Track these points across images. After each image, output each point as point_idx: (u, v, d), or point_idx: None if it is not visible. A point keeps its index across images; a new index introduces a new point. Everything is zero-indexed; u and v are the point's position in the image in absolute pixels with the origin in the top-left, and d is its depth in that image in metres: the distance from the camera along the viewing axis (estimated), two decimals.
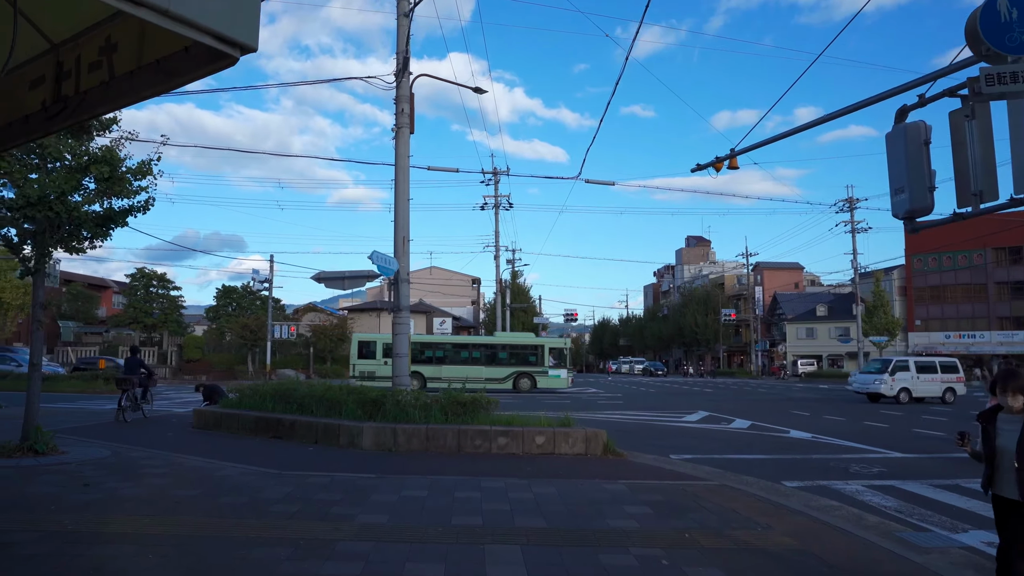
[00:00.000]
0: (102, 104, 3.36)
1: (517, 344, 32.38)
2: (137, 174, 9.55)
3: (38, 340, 9.45)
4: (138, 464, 8.68)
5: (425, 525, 5.87)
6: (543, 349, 31.72)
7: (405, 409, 10.77)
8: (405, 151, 13.22)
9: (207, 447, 10.42)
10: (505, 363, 31.37)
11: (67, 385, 25.51)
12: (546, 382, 31.23)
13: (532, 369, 31.30)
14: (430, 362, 30.78)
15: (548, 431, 10.38)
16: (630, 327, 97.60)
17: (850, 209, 46.02)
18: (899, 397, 25.45)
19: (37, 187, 8.67)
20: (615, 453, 10.32)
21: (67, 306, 49.31)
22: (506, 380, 30.84)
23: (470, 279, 74.05)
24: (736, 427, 15.76)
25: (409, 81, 13.53)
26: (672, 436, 13.90)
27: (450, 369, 30.32)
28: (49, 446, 9.12)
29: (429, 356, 30.99)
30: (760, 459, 10.81)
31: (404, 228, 13.02)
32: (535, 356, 31.56)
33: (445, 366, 30.34)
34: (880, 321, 48.15)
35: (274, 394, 12.47)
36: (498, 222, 40.37)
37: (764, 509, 6.81)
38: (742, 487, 8.06)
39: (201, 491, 7.05)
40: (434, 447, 10.23)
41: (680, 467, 9.63)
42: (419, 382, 29.93)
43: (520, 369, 31.22)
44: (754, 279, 69.72)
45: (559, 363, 31.91)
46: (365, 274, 13.21)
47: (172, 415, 15.96)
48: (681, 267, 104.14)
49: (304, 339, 48.49)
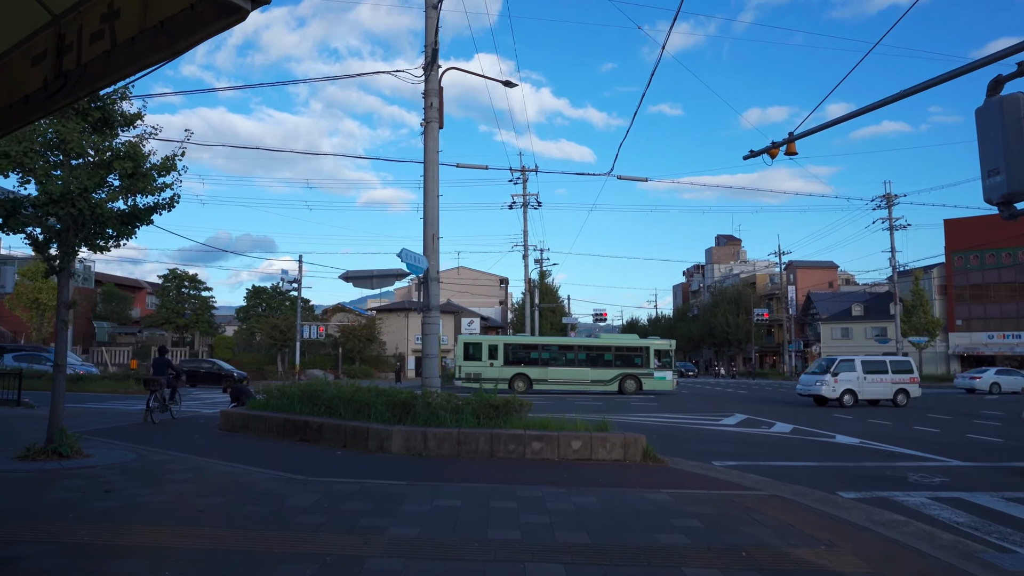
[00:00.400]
0: (103, 76, 3.02)
1: (623, 346, 32.08)
2: (161, 170, 9.31)
3: (63, 340, 9.25)
4: (162, 469, 8.42)
5: (460, 539, 5.47)
6: (648, 351, 31.33)
7: (436, 412, 10.39)
8: (434, 146, 12.87)
9: (233, 451, 10.16)
10: (611, 365, 31.07)
11: (99, 385, 25.70)
12: (652, 384, 30.84)
13: (638, 371, 30.96)
14: (535, 364, 30.72)
15: (584, 436, 9.92)
16: (659, 327, 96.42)
17: (888, 205, 44.71)
18: (843, 400, 23.67)
19: (60, 184, 8.47)
20: (655, 459, 9.84)
21: (101, 307, 50.01)
22: (611, 382, 30.61)
23: (498, 279, 73.74)
24: (778, 431, 15.13)
25: (438, 75, 13.18)
26: (711, 441, 13.35)
27: (556, 371, 30.32)
28: (74, 449, 8.91)
29: (535, 358, 30.94)
30: (809, 467, 10.23)
31: (434, 225, 12.66)
32: (640, 358, 31.25)
33: (551, 368, 30.32)
34: (919, 321, 46.77)
35: (301, 396, 12.19)
36: (527, 221, 39.98)
37: (824, 523, 6.29)
38: (795, 498, 7.53)
39: (225, 499, 6.74)
40: (466, 452, 9.84)
41: (725, 475, 9.11)
42: (524, 384, 29.79)
43: (626, 371, 30.89)
44: (787, 278, 68.35)
45: (664, 364, 31.38)
46: (394, 273, 12.87)
47: (200, 416, 15.81)
48: (711, 266, 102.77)
49: (333, 339, 48.58)
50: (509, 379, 29.95)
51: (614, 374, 30.85)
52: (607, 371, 30.92)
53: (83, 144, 8.52)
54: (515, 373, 30.27)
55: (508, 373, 30.14)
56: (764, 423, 16.88)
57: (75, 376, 27.03)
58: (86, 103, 8.81)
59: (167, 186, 9.56)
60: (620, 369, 30.98)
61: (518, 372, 30.35)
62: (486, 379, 29.57)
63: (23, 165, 8.36)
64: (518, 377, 30.27)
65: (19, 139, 8.27)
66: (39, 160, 8.52)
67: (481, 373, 29.68)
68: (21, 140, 8.28)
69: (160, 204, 9.62)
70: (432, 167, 12.78)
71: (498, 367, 30.15)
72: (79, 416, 15.02)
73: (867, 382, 23.98)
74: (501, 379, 29.84)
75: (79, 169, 8.73)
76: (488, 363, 30.13)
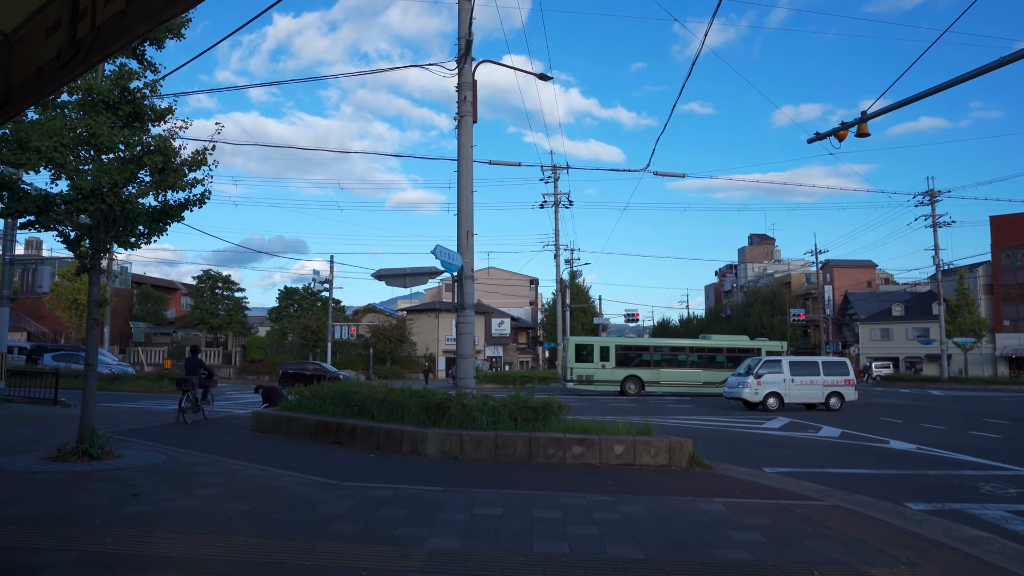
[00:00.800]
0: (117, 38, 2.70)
1: (735, 347, 31.71)
2: (192, 165, 9.10)
3: (94, 339, 9.09)
4: (192, 472, 8.18)
5: (504, 553, 5.08)
6: (761, 352, 30.52)
7: (472, 414, 10.03)
8: (468, 140, 12.53)
9: (264, 453, 9.91)
10: (722, 367, 30.55)
11: (134, 384, 25.89)
12: None
13: None
14: (647, 366, 30.43)
15: (627, 440, 9.48)
16: (691, 328, 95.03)
17: (931, 202, 43.32)
18: (767, 404, 21.57)
19: (90, 179, 8.28)
20: (702, 465, 9.36)
21: (138, 308, 50.79)
22: (724, 384, 29.95)
23: (528, 279, 73.33)
24: (826, 435, 14.49)
25: (471, 68, 12.85)
26: (757, 445, 12.79)
27: (668, 373, 29.97)
28: (104, 450, 8.73)
29: (647, 360, 30.67)
30: (867, 474, 9.65)
31: (468, 222, 12.32)
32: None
33: (663, 370, 29.99)
34: (964, 321, 45.26)
35: (334, 397, 11.93)
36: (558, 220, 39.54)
37: (896, 538, 5.77)
38: (859, 509, 7.01)
39: (255, 505, 6.44)
40: (503, 456, 9.47)
41: (778, 482, 8.59)
42: (636, 386, 29.45)
43: None
44: (823, 277, 66.78)
45: None
46: (427, 271, 12.57)
47: (232, 417, 15.68)
48: (744, 266, 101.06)
49: (364, 340, 48.67)
50: (621, 381, 29.65)
51: (727, 375, 30.20)
52: (719, 373, 30.28)
53: (113, 138, 8.33)
54: (627, 375, 29.91)
55: (620, 375, 29.81)
56: (810, 426, 16.22)
57: (111, 375, 27.33)
58: (116, 97, 8.64)
59: (198, 182, 9.35)
60: (732, 371, 30.37)
61: (630, 374, 29.97)
62: (598, 381, 29.69)
63: (53, 160, 8.20)
64: (630, 379, 29.90)
65: (50, 134, 8.11)
66: (69, 155, 8.35)
67: (593, 375, 29.55)
68: (52, 135, 8.11)
69: (191, 200, 9.41)
70: (466, 162, 12.44)
71: (610, 369, 29.82)
72: (113, 416, 14.99)
73: (795, 384, 21.97)
74: (612, 381, 29.62)
75: (109, 164, 8.55)
76: (600, 365, 29.74)
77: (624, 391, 29.67)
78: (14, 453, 9.15)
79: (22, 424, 12.92)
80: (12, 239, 18.22)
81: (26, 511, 6.04)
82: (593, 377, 29.60)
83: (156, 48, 9.55)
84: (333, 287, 44.92)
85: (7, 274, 18.03)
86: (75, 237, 9.00)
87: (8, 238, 18.04)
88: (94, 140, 8.29)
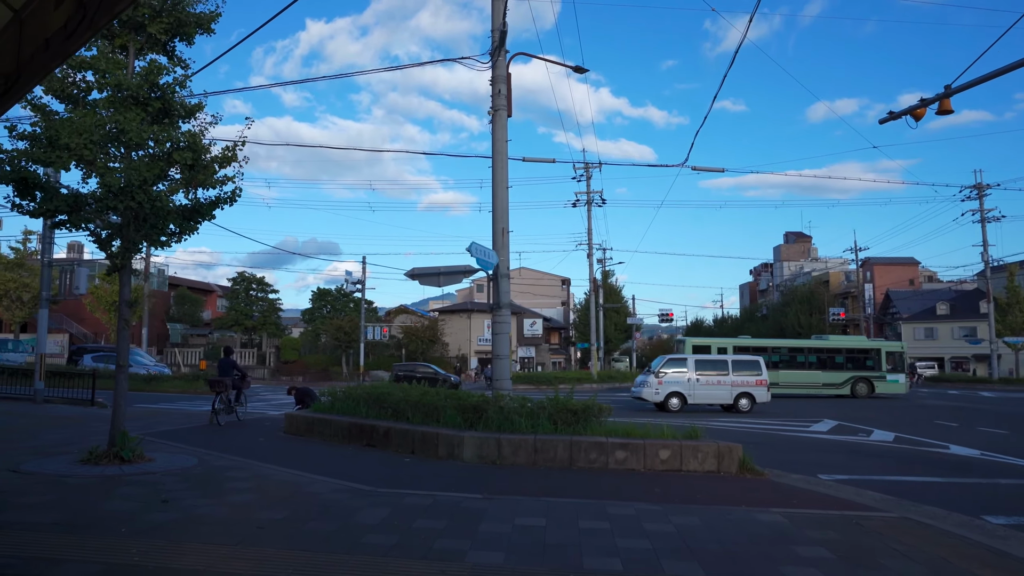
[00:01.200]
0: None
1: (853, 348, 31.23)
2: (222, 162, 8.88)
3: (124, 340, 8.92)
4: (223, 476, 7.93)
5: (551, 569, 4.69)
6: (880, 353, 30.29)
7: (509, 417, 9.66)
8: (503, 135, 12.17)
9: (297, 456, 9.66)
10: (842, 368, 30.12)
11: (170, 385, 26.08)
12: (884, 387, 29.80)
13: (870, 374, 29.95)
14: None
15: (673, 444, 9.02)
16: (726, 328, 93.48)
17: (979, 196, 41.77)
18: (668, 404, 20.12)
19: (120, 176, 8.11)
20: (753, 471, 8.86)
21: (175, 309, 51.49)
22: (843, 385, 29.66)
23: (560, 280, 72.82)
24: (879, 440, 13.80)
25: (505, 60, 12.48)
26: (806, 450, 12.20)
27: (787, 374, 29.42)
28: (135, 453, 8.55)
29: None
30: (932, 483, 9.04)
31: (503, 219, 11.95)
32: (872, 360, 30.27)
33: (781, 371, 29.41)
34: (1016, 320, 43.54)
35: (367, 398, 11.65)
36: (591, 219, 38.98)
37: (983, 558, 5.24)
38: (932, 522, 6.46)
39: (287, 513, 6.14)
40: (543, 460, 9.07)
41: (837, 491, 8.06)
42: None
43: (857, 374, 29.89)
44: (863, 276, 65.04)
45: (895, 367, 30.26)
46: (462, 269, 12.22)
47: (265, 418, 15.54)
48: (780, 264, 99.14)
49: (396, 341, 48.68)
50: None
51: (846, 377, 29.83)
52: (838, 374, 29.85)
53: (142, 134, 8.14)
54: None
55: None
56: (860, 430, 15.51)
57: (148, 376, 27.58)
58: (146, 93, 8.45)
59: (229, 179, 9.15)
60: (851, 372, 29.98)
61: None
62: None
63: (83, 158, 8.04)
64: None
65: (80, 131, 7.95)
66: (99, 152, 8.18)
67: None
68: (82, 132, 7.96)
69: (222, 198, 9.21)
70: (501, 157, 12.07)
71: None
72: (148, 417, 14.96)
73: (700, 384, 20.45)
74: None
75: (138, 161, 8.37)
76: None
77: None
78: (47, 455, 9.03)
79: (58, 425, 12.90)
80: (50, 242, 18.38)
81: (52, 517, 5.82)
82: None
83: (186, 44, 9.38)
84: (365, 288, 44.99)
85: (46, 276, 18.19)
86: (106, 237, 8.84)
87: (46, 240, 18.19)
88: (123, 136, 8.11)
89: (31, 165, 8.17)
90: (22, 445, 9.98)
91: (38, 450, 9.52)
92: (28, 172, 8.13)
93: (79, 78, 8.59)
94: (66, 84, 8.50)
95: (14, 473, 7.77)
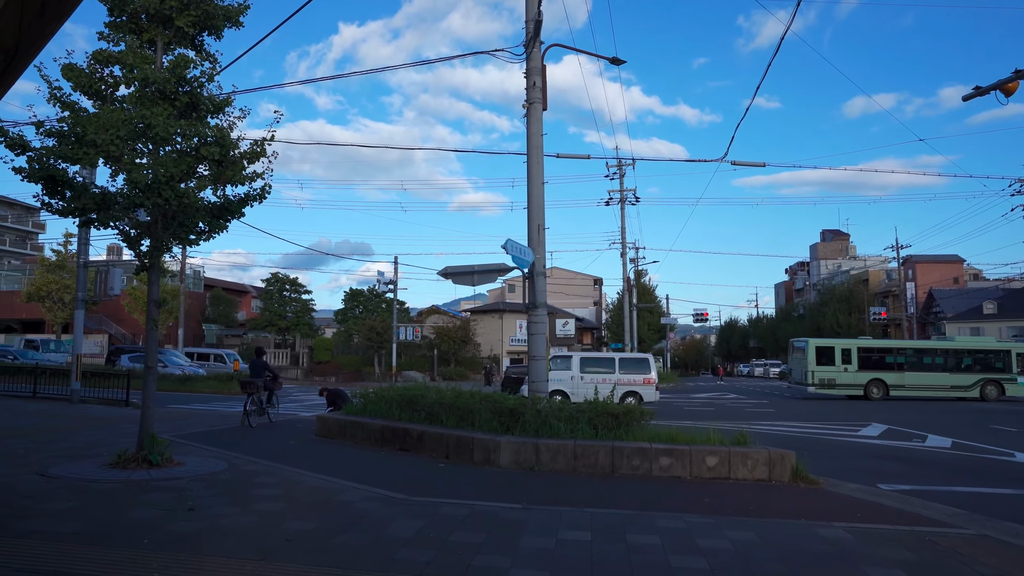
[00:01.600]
0: None
1: (982, 349, 30.54)
2: (250, 157, 8.63)
3: (152, 340, 8.71)
4: (252, 482, 7.66)
5: None
6: (1011, 355, 29.40)
7: (547, 421, 9.26)
8: (538, 128, 11.76)
9: (328, 461, 9.38)
10: (970, 370, 29.39)
11: (204, 386, 26.17)
12: (1016, 390, 28.96)
13: (1000, 376, 29.13)
14: (891, 369, 29.49)
15: (721, 450, 8.53)
16: (761, 328, 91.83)
17: None
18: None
19: (147, 172, 7.89)
20: (807, 480, 8.33)
21: (210, 310, 52.08)
22: (972, 388, 28.94)
23: (592, 279, 72.11)
24: (935, 446, 13.08)
25: (540, 51, 12.07)
26: (857, 456, 11.57)
27: (913, 376, 28.97)
28: (164, 457, 8.33)
29: (890, 362, 29.70)
30: (1004, 495, 8.40)
31: (539, 215, 11.55)
32: (1001, 362, 29.43)
33: (907, 373, 29.01)
34: None
35: (400, 401, 11.35)
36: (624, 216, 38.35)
37: None
38: (1016, 541, 5.90)
39: (317, 523, 5.82)
40: (582, 467, 8.65)
41: (902, 503, 7.49)
42: (880, 390, 28.54)
43: (986, 376, 29.14)
44: (905, 274, 63.17)
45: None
46: (496, 268, 11.86)
47: (297, 420, 15.35)
48: (817, 263, 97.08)
49: (428, 341, 48.56)
50: (864, 385, 28.65)
51: (974, 379, 29.00)
52: (966, 376, 29.04)
53: (169, 129, 7.91)
54: (871, 379, 28.82)
55: (863, 379, 28.78)
56: (914, 435, 14.76)
57: (183, 376, 27.75)
58: (173, 86, 8.23)
59: (258, 175, 8.90)
60: (980, 374, 29.16)
61: (874, 378, 28.84)
62: (840, 385, 28.74)
63: (109, 154, 7.84)
64: (874, 383, 28.78)
65: (106, 127, 7.76)
66: (126, 148, 7.98)
67: (835, 379, 28.72)
68: (108, 127, 7.76)
69: (251, 195, 8.97)
70: (536, 151, 11.67)
71: (852, 372, 28.82)
72: (180, 418, 14.87)
73: (583, 383, 19.65)
74: (855, 385, 28.62)
75: (165, 157, 8.15)
76: (842, 368, 28.78)
77: (868, 395, 28.49)
78: (77, 458, 8.88)
79: (91, 426, 12.84)
80: (86, 243, 18.46)
81: (75, 526, 5.58)
82: (835, 381, 28.58)
83: (215, 38, 9.15)
84: (397, 288, 44.90)
85: (81, 277, 18.27)
86: (135, 236, 8.65)
87: (81, 241, 18.28)
88: (150, 131, 7.89)
89: (59, 163, 8.02)
90: (53, 447, 9.87)
91: (68, 452, 9.38)
92: (56, 170, 7.98)
93: (106, 73, 8.41)
94: (94, 80, 8.32)
95: (41, 477, 7.59)
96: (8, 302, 47.53)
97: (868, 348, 29.87)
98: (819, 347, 29.57)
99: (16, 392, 19.19)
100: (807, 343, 30.05)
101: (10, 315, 47.33)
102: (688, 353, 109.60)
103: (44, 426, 12.65)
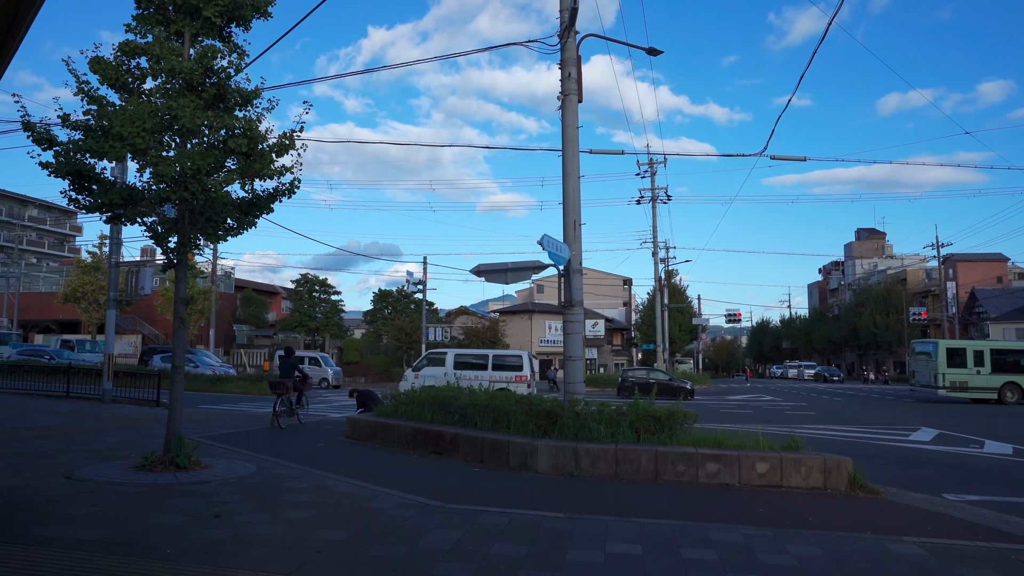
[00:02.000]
0: None
1: None
2: (279, 150, 8.37)
3: (180, 339, 8.48)
4: (281, 487, 7.37)
5: None
6: None
7: (586, 424, 8.84)
8: (573, 121, 11.35)
9: (360, 465, 9.07)
10: None
11: (235, 386, 26.20)
12: None
13: None
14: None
15: (772, 456, 8.04)
16: (793, 329, 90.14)
17: None
18: None
19: (175, 165, 7.66)
20: (866, 488, 7.81)
21: (241, 311, 52.48)
22: None
23: (621, 280, 71.33)
24: (995, 452, 12.38)
25: (575, 42, 11.67)
26: (912, 463, 10.95)
27: None
28: (191, 459, 8.09)
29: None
30: None
31: (575, 211, 11.14)
32: None
33: None
34: None
35: (432, 402, 11.02)
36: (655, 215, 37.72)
37: None
38: None
39: (348, 533, 5.48)
40: (625, 472, 8.22)
41: (974, 515, 6.93)
42: (1015, 394, 27.52)
43: None
44: (945, 273, 61.36)
45: None
46: (530, 265, 11.47)
47: (327, 421, 15.12)
48: (852, 262, 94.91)
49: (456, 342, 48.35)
50: (998, 388, 27.69)
51: None
52: None
53: (195, 120, 7.67)
54: (1005, 381, 27.78)
55: (997, 381, 27.80)
56: (970, 440, 14.03)
57: (214, 377, 27.84)
58: (200, 77, 7.99)
59: (287, 169, 8.64)
60: None
61: (1009, 380, 27.78)
62: (972, 388, 27.81)
63: (135, 147, 7.62)
64: (1008, 386, 27.72)
65: (133, 120, 7.54)
66: (152, 141, 7.76)
67: (967, 382, 27.85)
68: (135, 120, 7.55)
69: (280, 190, 8.72)
70: (571, 145, 11.26)
71: (985, 375, 27.88)
72: (210, 419, 14.74)
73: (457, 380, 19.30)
74: (989, 388, 27.74)
75: (192, 150, 7.91)
76: (974, 370, 27.87)
77: (1002, 399, 27.45)
78: (104, 460, 8.69)
79: (120, 427, 12.74)
80: (117, 243, 18.49)
81: (98, 532, 5.31)
82: (967, 384, 27.67)
83: (243, 29, 8.92)
84: (427, 288, 44.74)
85: (113, 277, 18.30)
86: (163, 232, 8.44)
87: (113, 241, 18.31)
88: (176, 123, 7.66)
89: (86, 157, 7.83)
90: (81, 448, 9.71)
91: (96, 454, 9.20)
92: (83, 165, 7.81)
93: (133, 65, 8.21)
94: (120, 72, 8.12)
95: (67, 480, 7.38)
96: (46, 303, 48.43)
97: (1002, 350, 28.66)
98: (950, 349, 28.48)
99: (50, 392, 19.31)
100: (935, 345, 28.94)
101: (48, 316, 48.23)
102: (719, 354, 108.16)
103: (75, 426, 12.57)
